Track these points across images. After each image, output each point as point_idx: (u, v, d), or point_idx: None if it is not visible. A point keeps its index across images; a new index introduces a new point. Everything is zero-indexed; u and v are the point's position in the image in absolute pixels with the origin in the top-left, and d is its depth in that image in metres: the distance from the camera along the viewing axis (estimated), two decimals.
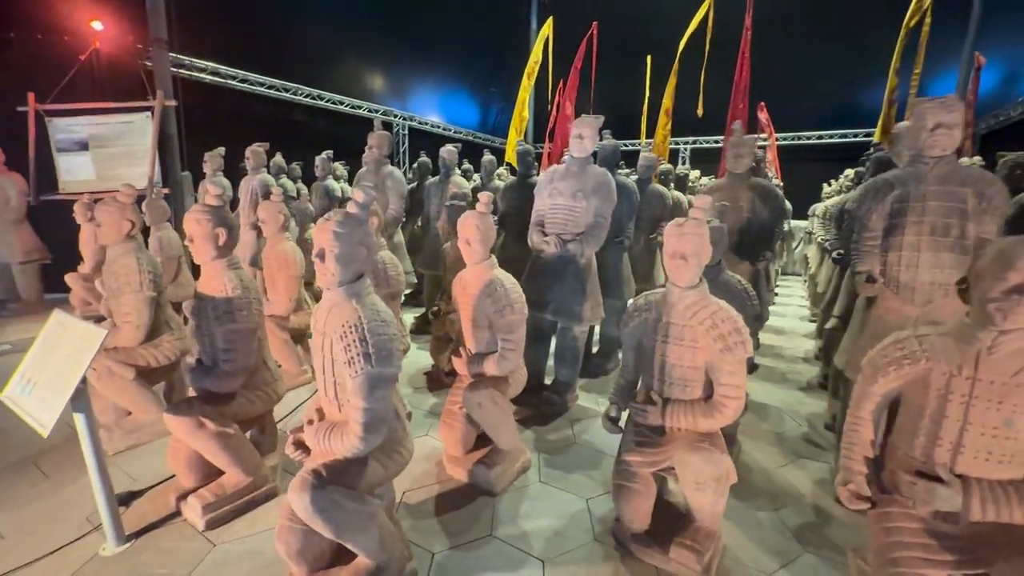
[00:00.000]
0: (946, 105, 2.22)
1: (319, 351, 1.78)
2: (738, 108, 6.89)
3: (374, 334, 1.62)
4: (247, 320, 2.17)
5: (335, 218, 1.67)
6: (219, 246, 2.22)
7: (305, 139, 8.50)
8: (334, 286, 1.71)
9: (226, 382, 2.17)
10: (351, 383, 1.62)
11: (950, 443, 1.57)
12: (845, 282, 3.37)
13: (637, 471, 2.07)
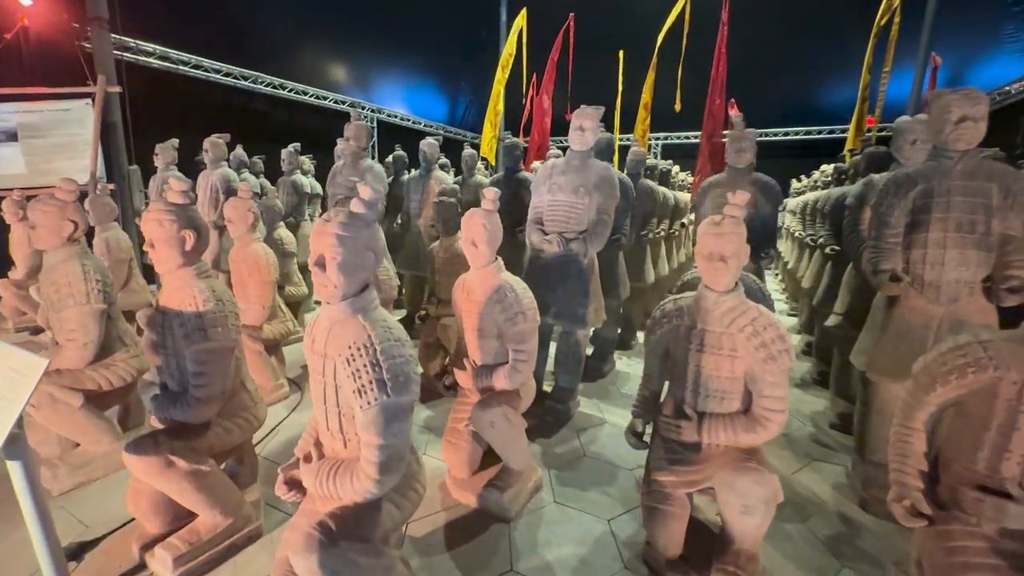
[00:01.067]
0: (971, 97, 2.14)
1: (318, 376, 1.50)
2: (715, 103, 6.87)
3: (388, 357, 1.36)
4: (223, 338, 1.85)
5: (337, 219, 1.40)
6: (186, 251, 1.89)
7: (266, 131, 7.95)
8: (336, 299, 1.43)
9: (199, 411, 1.84)
10: (362, 415, 1.36)
11: (1021, 456, 1.46)
12: (847, 278, 3.32)
13: (671, 492, 1.89)
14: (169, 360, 1.91)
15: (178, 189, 1.87)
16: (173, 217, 1.84)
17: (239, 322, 1.96)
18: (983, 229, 2.14)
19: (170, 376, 1.94)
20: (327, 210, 1.50)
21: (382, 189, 4.01)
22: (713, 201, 3.55)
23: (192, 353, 1.81)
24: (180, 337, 1.82)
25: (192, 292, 1.84)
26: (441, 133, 12.68)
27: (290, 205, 5.33)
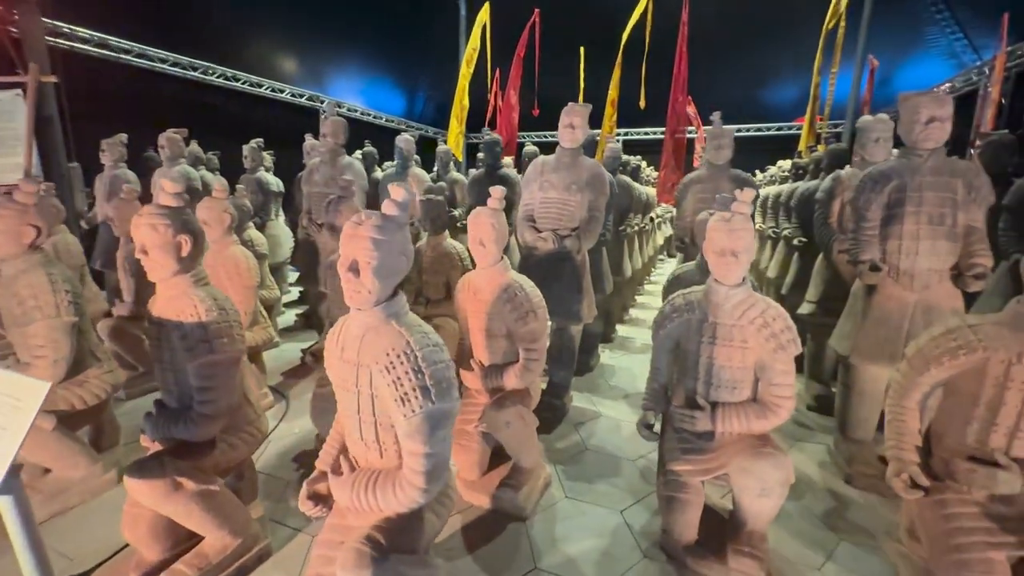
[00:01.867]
0: (939, 99, 2.32)
1: (348, 386, 1.44)
2: (678, 101, 7.09)
3: (430, 363, 1.33)
4: (229, 349, 1.74)
5: (372, 222, 1.34)
6: (182, 257, 1.76)
7: (218, 125, 7.49)
8: (369, 305, 1.38)
9: (205, 428, 1.73)
10: (405, 424, 1.32)
11: (1007, 428, 1.61)
12: (818, 268, 3.52)
13: (687, 481, 1.96)
14: (167, 375, 1.78)
15: (171, 191, 1.74)
16: (168, 221, 1.71)
17: (243, 331, 1.85)
18: (951, 221, 2.33)
19: (168, 392, 1.81)
20: (295, 210, 1.43)
21: (366, 187, 3.88)
22: (695, 197, 3.67)
23: (196, 367, 1.69)
24: (182, 350, 1.69)
25: (192, 301, 1.71)
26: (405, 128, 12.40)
27: (256, 204, 5.06)
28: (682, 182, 3.82)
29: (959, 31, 9.50)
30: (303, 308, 5.43)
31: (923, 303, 2.38)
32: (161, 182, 1.75)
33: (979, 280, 2.28)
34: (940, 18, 9.64)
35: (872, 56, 7.89)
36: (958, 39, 9.62)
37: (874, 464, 2.53)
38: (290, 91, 8.65)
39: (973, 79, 6.57)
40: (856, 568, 1.97)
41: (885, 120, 3.19)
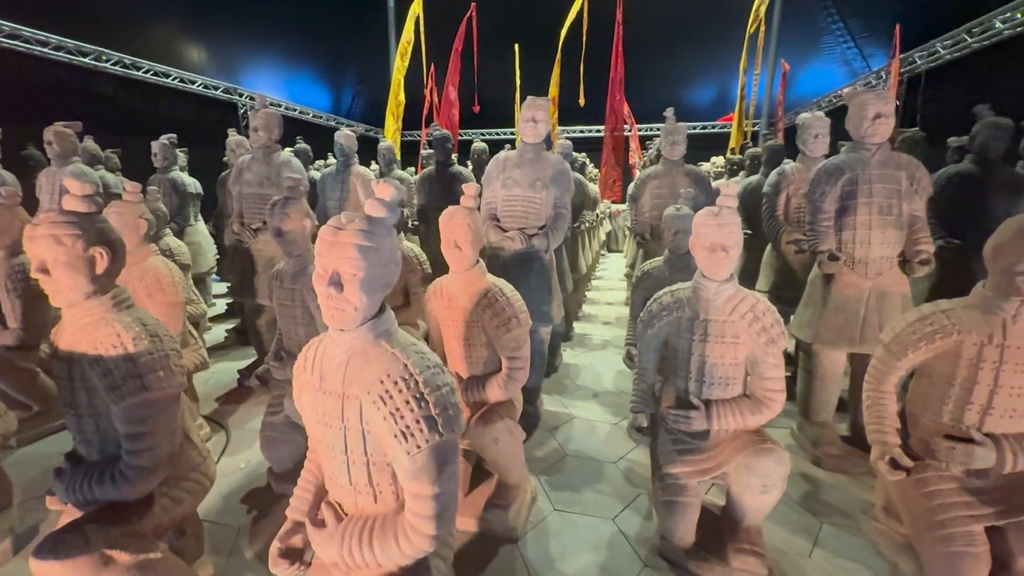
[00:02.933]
0: (882, 97, 2.45)
1: (332, 422, 1.21)
2: (616, 99, 7.22)
3: (432, 388, 1.14)
4: (166, 384, 1.42)
5: (355, 226, 1.12)
6: (97, 275, 1.42)
7: (116, 119, 6.58)
8: (354, 324, 1.16)
9: (140, 484, 1.40)
10: (408, 463, 1.12)
11: (980, 406, 1.69)
12: (768, 259, 3.66)
13: (686, 483, 1.90)
14: (84, 422, 1.43)
15: (80, 193, 1.39)
16: (77, 231, 1.36)
17: (182, 360, 1.53)
18: (897, 211, 2.47)
19: (85, 442, 1.46)
20: (219, 213, 1.20)
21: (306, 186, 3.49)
22: (652, 193, 3.69)
23: (125, 410, 1.36)
24: (105, 389, 1.36)
25: (114, 329, 1.38)
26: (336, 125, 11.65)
27: (171, 207, 4.46)
28: (638, 178, 3.83)
29: (851, 41, 10.52)
30: (233, 323, 4.89)
31: (877, 289, 2.51)
32: (66, 183, 1.40)
33: (924, 266, 2.44)
34: (835, 28, 10.62)
35: (783, 60, 8.50)
36: (850, 48, 10.66)
37: (839, 445, 2.65)
38: (203, 82, 7.79)
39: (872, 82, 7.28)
40: (841, 550, 2.02)
41: (822, 118, 3.36)
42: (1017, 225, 1.60)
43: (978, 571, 1.62)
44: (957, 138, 4.18)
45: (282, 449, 2.33)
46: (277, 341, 2.50)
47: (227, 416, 3.11)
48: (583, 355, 4.33)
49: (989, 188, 3.12)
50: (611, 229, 11.04)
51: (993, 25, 4.79)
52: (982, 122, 3.18)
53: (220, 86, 8.16)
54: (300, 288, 2.23)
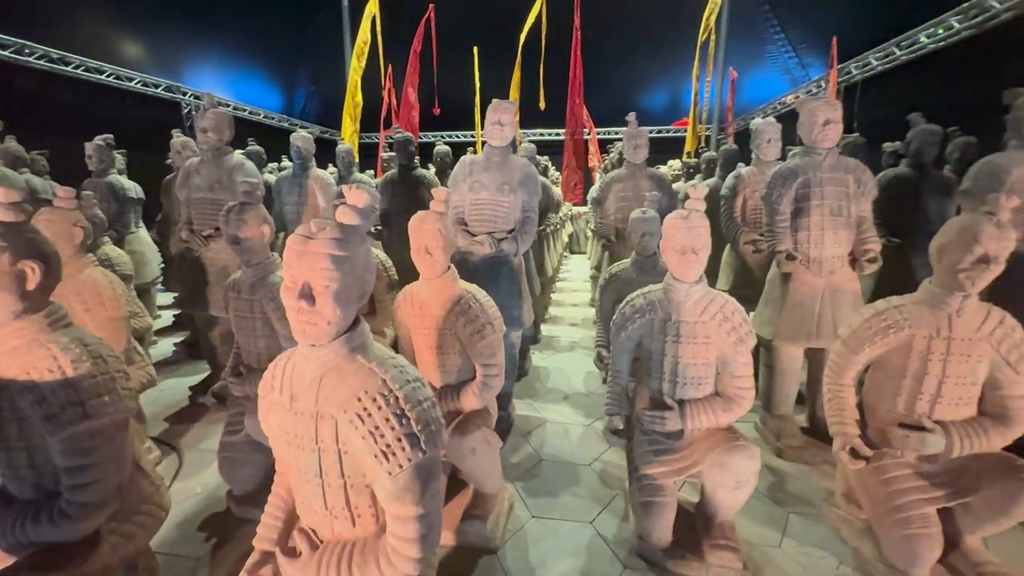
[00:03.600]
0: (832, 104, 2.58)
1: (305, 443, 1.14)
2: (575, 103, 7.31)
3: (413, 403, 1.09)
4: (112, 410, 1.30)
5: (328, 235, 1.06)
6: (27, 292, 1.28)
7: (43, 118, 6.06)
8: (327, 339, 1.09)
9: (85, 520, 1.27)
10: (390, 484, 1.06)
11: (930, 395, 1.80)
12: (727, 259, 3.79)
13: (663, 483, 1.92)
14: (14, 456, 1.28)
15: (5, 200, 1.24)
16: (3, 243, 1.22)
17: (130, 383, 1.40)
18: (847, 213, 2.61)
19: (16, 480, 1.31)
20: (165, 220, 1.12)
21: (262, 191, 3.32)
22: (616, 196, 3.75)
23: (65, 441, 1.23)
24: (39, 420, 1.22)
25: (49, 352, 1.25)
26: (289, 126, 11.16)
27: (110, 214, 4.13)
28: (602, 181, 3.87)
29: (792, 51, 11.13)
30: (182, 336, 4.59)
31: (830, 287, 2.63)
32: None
33: (872, 263, 2.58)
34: (777, 38, 11.21)
35: (732, 68, 8.88)
36: (791, 57, 11.27)
37: (799, 436, 2.76)
38: (141, 79, 7.29)
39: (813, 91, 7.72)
40: (808, 538, 2.10)
41: (774, 123, 3.51)
42: (958, 226, 1.71)
43: (932, 550, 1.72)
44: (891, 143, 4.49)
45: (243, 470, 2.19)
46: (235, 355, 2.36)
47: (179, 437, 2.90)
48: (551, 358, 4.33)
49: (923, 190, 3.36)
50: (573, 231, 11.18)
51: (919, 39, 5.19)
52: (916, 129, 3.41)
53: (161, 84, 7.66)
54: (260, 299, 2.11)
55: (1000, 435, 1.75)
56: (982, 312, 1.74)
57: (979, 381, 1.77)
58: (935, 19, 4.90)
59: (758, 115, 10.53)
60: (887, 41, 5.63)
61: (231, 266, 3.20)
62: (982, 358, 1.74)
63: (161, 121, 7.95)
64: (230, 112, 3.17)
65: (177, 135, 4.24)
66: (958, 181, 3.25)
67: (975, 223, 1.67)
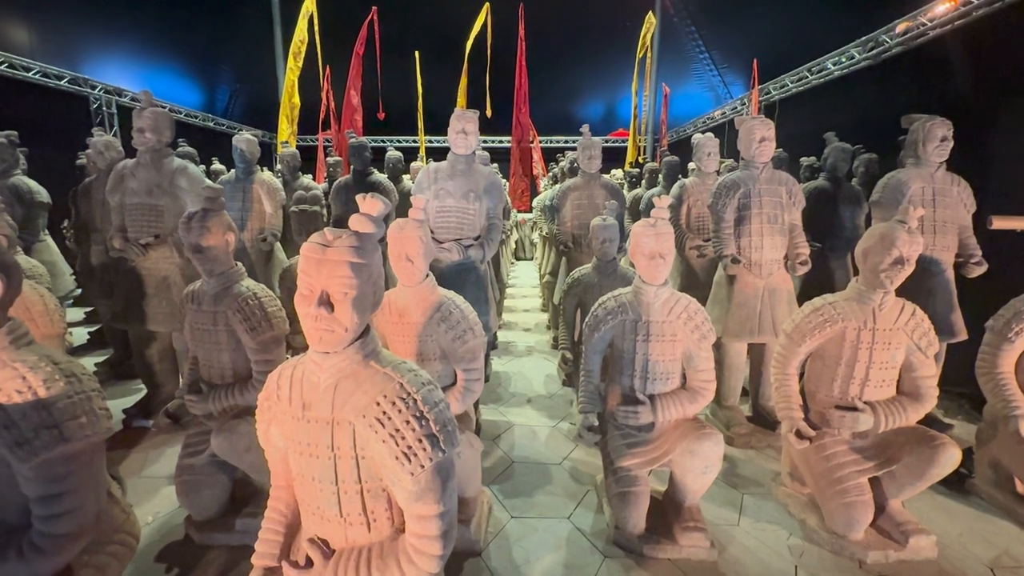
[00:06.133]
0: (766, 123, 2.90)
1: (321, 451, 1.15)
2: (521, 111, 7.52)
3: (431, 405, 1.14)
4: (89, 431, 1.22)
5: (345, 242, 1.09)
6: None
7: None
8: (342, 345, 1.12)
9: (61, 554, 1.18)
10: (411, 484, 1.10)
11: (860, 380, 2.09)
12: (674, 263, 4.08)
13: (637, 474, 2.07)
14: None
15: None
16: None
17: (106, 403, 1.32)
18: (781, 220, 2.94)
19: None
20: (82, 227, 1.11)
21: None
22: (572, 204, 3.93)
23: (39, 468, 1.15)
24: (8, 447, 1.13)
25: (17, 372, 1.16)
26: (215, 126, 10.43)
27: (16, 220, 3.70)
28: (559, 189, 4.05)
29: (715, 70, 12.12)
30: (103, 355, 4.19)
31: (769, 287, 2.95)
32: None
33: (804, 266, 2.92)
34: (702, 57, 12.16)
35: (664, 84, 9.53)
36: (715, 76, 12.27)
37: (746, 424, 3.05)
38: (40, 70, 6.57)
39: (738, 108, 8.47)
40: (761, 515, 2.34)
41: (712, 138, 3.86)
42: (879, 233, 2.02)
43: (867, 515, 2.00)
44: (807, 158, 5.06)
45: (205, 493, 2.08)
46: (191, 371, 2.24)
47: (116, 464, 2.67)
48: (511, 362, 4.43)
49: (839, 201, 3.83)
50: (519, 238, 11.40)
51: (826, 66, 5.90)
52: (831, 146, 3.90)
53: (65, 75, 6.94)
54: (224, 310, 2.03)
55: (915, 411, 2.07)
56: (899, 306, 2.06)
57: (898, 365, 2.09)
58: (839, 49, 5.60)
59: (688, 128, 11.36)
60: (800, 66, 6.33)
61: (172, 276, 3.02)
62: (900, 345, 2.05)
63: (65, 117, 7.21)
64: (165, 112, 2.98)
65: (99, 134, 3.91)
66: (866, 193, 3.77)
67: (892, 230, 1.97)
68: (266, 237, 3.81)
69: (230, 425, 1.96)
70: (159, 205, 2.96)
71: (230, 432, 1.93)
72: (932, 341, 2.06)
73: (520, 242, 11.70)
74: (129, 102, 8.08)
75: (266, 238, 3.81)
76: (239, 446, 1.94)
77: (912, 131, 2.91)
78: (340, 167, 6.04)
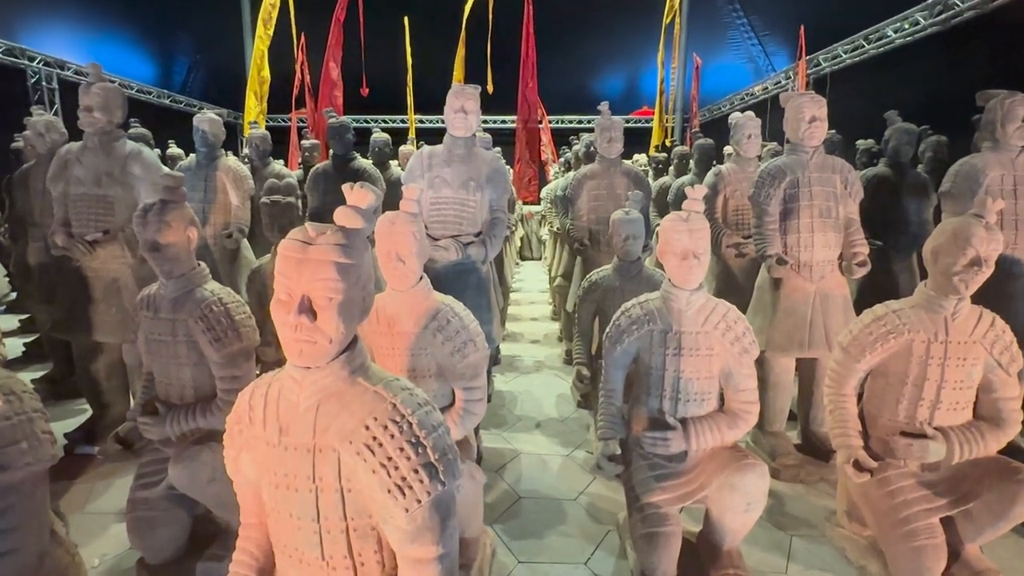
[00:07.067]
0: (817, 100, 2.91)
1: (300, 483, 1.16)
2: (528, 86, 7.56)
3: (428, 430, 1.15)
4: (32, 458, 1.23)
5: (330, 239, 1.10)
6: None
7: None
8: (326, 359, 1.13)
9: None
10: (406, 522, 1.10)
11: (930, 402, 2.08)
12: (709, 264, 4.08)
13: (667, 512, 2.07)
14: None
15: None
16: None
17: (49, 425, 1.34)
18: (835, 214, 2.94)
19: None
20: (18, 220, 1.10)
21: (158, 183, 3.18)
22: (589, 194, 3.95)
23: None
24: None
25: None
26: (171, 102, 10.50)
27: None
28: (573, 177, 4.07)
29: (755, 38, 12.16)
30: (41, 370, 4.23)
31: (821, 292, 2.95)
32: None
33: (862, 267, 2.92)
34: (740, 23, 12.22)
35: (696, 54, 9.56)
36: (754, 45, 12.31)
37: (794, 455, 3.04)
38: None
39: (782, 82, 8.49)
40: (813, 561, 2.33)
41: (754, 117, 3.88)
42: (951, 229, 2.02)
43: (939, 562, 1.98)
44: (864, 141, 5.07)
45: (161, 532, 2.10)
46: (145, 389, 2.26)
47: (57, 498, 2.68)
48: (516, 380, 4.44)
49: (903, 191, 3.83)
50: (524, 234, 11.43)
51: (887, 34, 5.92)
52: (893, 127, 3.90)
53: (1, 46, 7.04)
54: (185, 318, 2.04)
55: (995, 438, 2.06)
56: (975, 315, 2.06)
57: (974, 385, 2.08)
58: (901, 13, 5.62)
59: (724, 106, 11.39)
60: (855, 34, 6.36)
61: (124, 279, 3.05)
62: (977, 361, 2.05)
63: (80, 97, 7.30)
64: (89, 81, 2.96)
65: (38, 113, 3.96)
66: (934, 181, 3.77)
67: (967, 226, 1.97)
68: (231, 233, 3.84)
69: (191, 452, 1.97)
70: (109, 196, 2.99)
71: (191, 460, 1.94)
72: (1015, 356, 2.05)
73: (526, 239, 11.73)
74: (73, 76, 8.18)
75: (231, 234, 3.84)
76: (201, 477, 1.95)
77: (989, 109, 2.91)
78: (317, 151, 6.09)
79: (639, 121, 12.35)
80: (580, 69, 13.79)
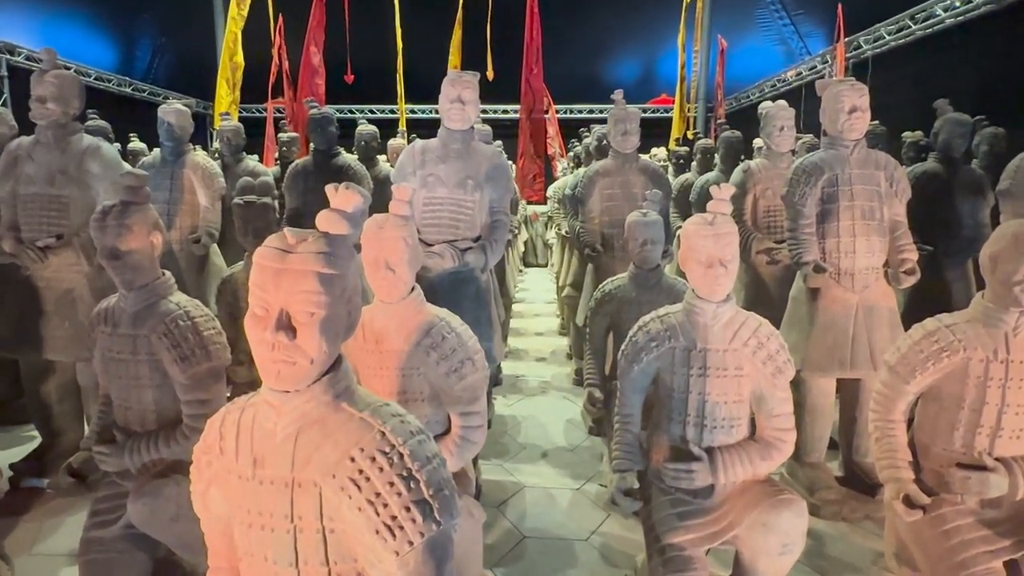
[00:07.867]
0: (858, 88, 2.93)
1: (276, 521, 1.15)
2: (532, 72, 7.63)
3: (421, 462, 1.14)
4: None
5: (312, 247, 1.11)
6: None
7: None
8: (307, 381, 1.14)
9: None
10: (397, 567, 1.10)
11: (989, 428, 2.07)
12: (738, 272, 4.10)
13: (692, 554, 2.06)
14: None
15: None
16: None
17: None
18: (879, 216, 2.95)
19: None
20: None
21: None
22: (601, 193, 3.98)
23: None
24: None
25: None
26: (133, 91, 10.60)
27: None
28: (584, 174, 4.09)
29: (787, 17, 12.24)
30: None
31: (864, 304, 2.95)
32: None
33: (910, 276, 2.92)
34: (770, 1, 12.31)
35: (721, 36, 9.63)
36: (786, 25, 12.40)
37: (836, 488, 3.03)
38: None
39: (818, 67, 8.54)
40: None
41: (786, 107, 3.90)
42: (1012, 232, 2.02)
43: None
44: (911, 133, 5.09)
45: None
46: (101, 414, 2.27)
47: (1, 537, 2.69)
48: (520, 403, 4.44)
49: (955, 189, 3.84)
50: (528, 237, 11.47)
51: (935, 12, 5.96)
52: (944, 118, 3.92)
53: None
54: (147, 334, 2.06)
55: None
56: None
57: None
58: None
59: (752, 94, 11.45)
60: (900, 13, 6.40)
61: (79, 289, 3.07)
62: None
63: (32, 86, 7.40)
64: (41, 67, 2.99)
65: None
66: (991, 178, 3.78)
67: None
68: (200, 237, 3.86)
69: (152, 486, 1.97)
70: (63, 196, 3.02)
71: (152, 496, 1.95)
72: None
73: (531, 243, 11.76)
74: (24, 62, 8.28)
75: (200, 238, 3.86)
76: (164, 514, 1.95)
77: None
78: (296, 145, 6.13)
79: (657, 111, 12.41)
80: (591, 53, 13.86)
